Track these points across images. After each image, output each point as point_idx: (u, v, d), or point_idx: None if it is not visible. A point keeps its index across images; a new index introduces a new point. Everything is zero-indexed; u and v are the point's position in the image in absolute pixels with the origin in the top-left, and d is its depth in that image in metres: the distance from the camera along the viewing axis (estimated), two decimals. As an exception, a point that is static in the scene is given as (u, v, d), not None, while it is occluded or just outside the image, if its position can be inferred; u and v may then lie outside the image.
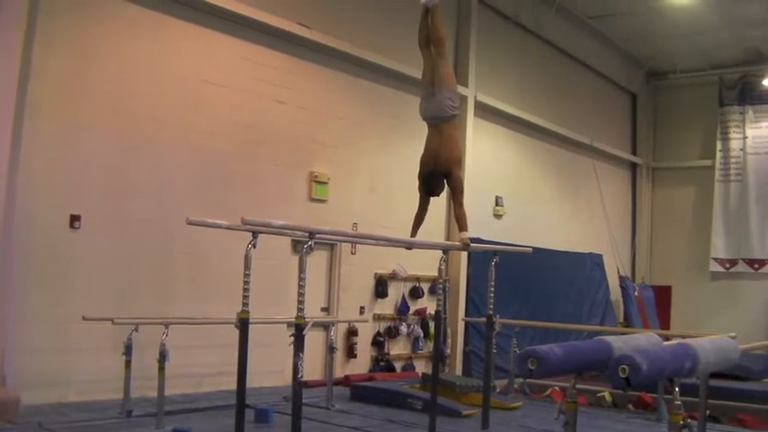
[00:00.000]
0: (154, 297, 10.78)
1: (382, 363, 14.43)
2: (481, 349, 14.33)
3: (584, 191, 21.07)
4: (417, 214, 8.69)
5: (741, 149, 22.42)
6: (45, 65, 9.81)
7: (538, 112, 18.77)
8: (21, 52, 9.48)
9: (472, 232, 16.18)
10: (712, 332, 8.43)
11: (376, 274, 14.52)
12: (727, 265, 22.46)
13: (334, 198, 13.55)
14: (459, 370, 15.77)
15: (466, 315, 15.85)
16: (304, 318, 6.70)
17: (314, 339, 12.61)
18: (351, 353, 13.89)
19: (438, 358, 9.51)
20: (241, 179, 12.16)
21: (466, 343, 16.04)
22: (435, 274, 11.07)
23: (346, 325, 13.72)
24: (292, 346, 6.69)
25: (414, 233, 8.68)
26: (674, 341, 6.84)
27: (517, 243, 14.90)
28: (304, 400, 7.33)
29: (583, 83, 21.12)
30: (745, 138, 22.41)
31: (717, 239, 22.57)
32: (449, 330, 15.38)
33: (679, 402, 5.24)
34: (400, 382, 12.33)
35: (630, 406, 11.59)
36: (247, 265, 7.14)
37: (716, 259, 22.56)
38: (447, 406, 10.22)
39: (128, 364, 9.01)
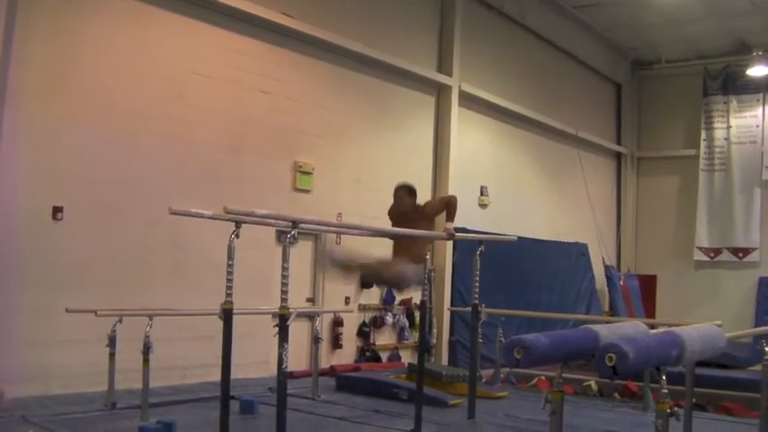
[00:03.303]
0: (137, 289, 10.71)
1: (368, 353, 14.42)
2: (467, 339, 14.33)
3: (569, 180, 21.08)
4: None
5: (725, 139, 22.48)
6: (26, 56, 9.71)
7: (522, 102, 18.74)
8: (1, 44, 9.37)
9: (457, 222, 16.25)
10: (697, 321, 8.44)
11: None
12: (712, 254, 22.54)
13: (318, 188, 13.51)
14: (444, 360, 15.78)
15: (451, 305, 15.84)
16: (288, 308, 6.65)
17: (299, 330, 12.60)
18: (336, 343, 13.87)
19: (423, 348, 9.49)
20: (225, 170, 12.10)
21: (451, 333, 16.04)
22: (421, 263, 11.06)
23: (331, 315, 13.68)
24: (277, 336, 6.65)
25: None
26: (660, 330, 6.84)
27: (502, 233, 14.91)
28: (289, 391, 7.28)
29: (567, 73, 21.11)
30: (729, 127, 22.46)
31: (701, 229, 22.64)
32: (434, 320, 15.38)
33: (666, 391, 5.23)
34: (386, 373, 12.33)
35: (617, 395, 11.62)
36: (231, 256, 7.08)
37: (700, 248, 22.64)
38: (433, 396, 10.21)
39: (112, 356, 8.94)
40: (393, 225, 8.93)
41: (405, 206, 8.79)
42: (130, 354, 8.71)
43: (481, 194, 17.76)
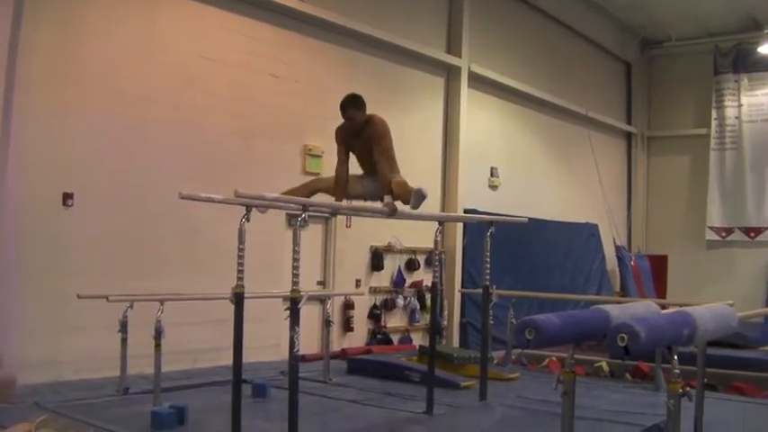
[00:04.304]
0: (148, 274, 10.74)
1: (379, 335, 14.44)
2: (478, 320, 14.32)
3: (580, 160, 21.01)
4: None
5: (736, 117, 22.36)
6: (34, 44, 9.72)
7: (532, 83, 18.68)
8: (9, 32, 9.39)
9: (468, 203, 16.22)
10: (709, 301, 8.40)
11: (371, 246, 14.51)
12: (723, 234, 22.47)
13: (328, 171, 13.37)
14: (456, 342, 15.80)
15: (462, 286, 15.86)
16: (299, 291, 6.66)
17: (310, 313, 12.61)
18: (347, 326, 13.90)
19: (435, 330, 9.49)
20: (234, 154, 12.09)
21: (463, 314, 16.07)
22: (431, 245, 11.06)
23: (342, 298, 13.70)
24: (288, 320, 6.65)
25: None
26: (671, 310, 6.82)
27: (513, 214, 14.87)
28: (301, 374, 7.30)
29: (577, 52, 21.01)
30: (740, 106, 22.33)
31: (712, 208, 22.56)
32: (445, 302, 15.40)
33: (677, 371, 5.22)
34: (397, 355, 12.33)
35: (628, 375, 11.60)
36: (241, 240, 7.08)
37: (712, 228, 22.56)
38: (444, 378, 10.22)
39: (124, 341, 8.97)
40: (339, 147, 8.29)
41: (356, 123, 8.12)
42: (142, 339, 8.73)
43: (491, 176, 17.73)
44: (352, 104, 8.14)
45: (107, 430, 7.44)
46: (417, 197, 7.86)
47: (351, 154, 8.36)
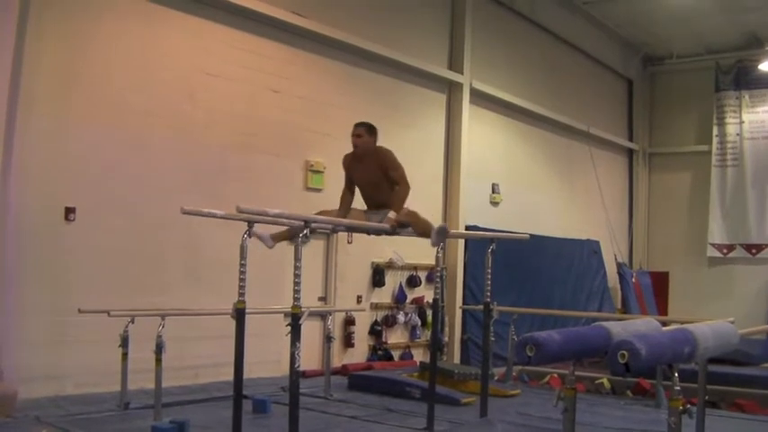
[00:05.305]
0: (150, 288, 10.74)
1: (380, 352, 14.41)
2: (479, 337, 14.32)
3: (581, 177, 21.01)
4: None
5: (737, 134, 22.33)
6: (38, 58, 9.75)
7: (534, 99, 18.69)
8: (13, 46, 9.41)
9: (469, 220, 16.20)
10: (710, 318, 8.41)
11: (373, 262, 14.49)
12: (725, 251, 22.42)
13: (330, 187, 13.45)
14: (457, 358, 15.76)
15: (463, 303, 15.82)
16: (300, 307, 6.67)
17: (311, 329, 12.60)
18: (348, 342, 13.87)
19: (436, 346, 9.50)
20: (236, 169, 12.10)
21: (464, 331, 16.03)
22: (432, 262, 11.07)
23: (343, 314, 13.69)
24: (289, 335, 6.66)
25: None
26: (672, 327, 6.82)
27: (514, 230, 14.88)
28: (302, 390, 7.30)
29: (579, 69, 21.03)
30: (741, 122, 22.30)
31: (714, 225, 22.51)
32: (446, 318, 15.36)
33: (678, 388, 5.22)
34: (398, 371, 12.31)
35: (629, 392, 11.59)
36: (243, 255, 7.09)
37: (713, 245, 22.51)
38: (445, 394, 10.22)
39: (125, 356, 8.97)
40: (346, 174, 8.93)
41: (362, 145, 8.52)
42: (143, 353, 8.74)
43: (493, 192, 17.71)
44: (364, 126, 8.54)
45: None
46: (440, 235, 8.28)
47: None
